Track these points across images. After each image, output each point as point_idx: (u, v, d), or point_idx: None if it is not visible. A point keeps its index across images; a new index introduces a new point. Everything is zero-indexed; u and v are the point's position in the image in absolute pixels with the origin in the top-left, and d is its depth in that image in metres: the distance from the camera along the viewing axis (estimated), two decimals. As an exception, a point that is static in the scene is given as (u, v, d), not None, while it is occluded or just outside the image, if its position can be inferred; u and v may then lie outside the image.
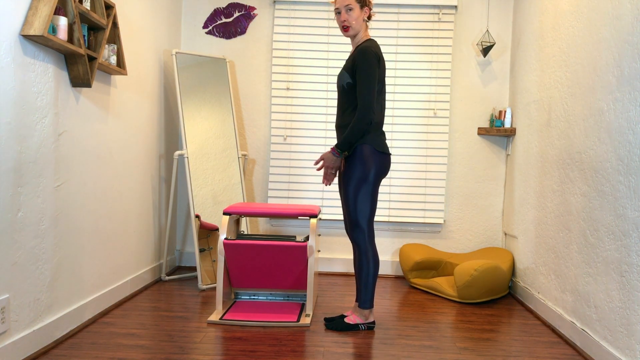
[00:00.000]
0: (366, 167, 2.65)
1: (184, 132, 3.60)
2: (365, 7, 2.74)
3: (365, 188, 2.66)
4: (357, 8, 2.72)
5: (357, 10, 2.72)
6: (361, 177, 2.66)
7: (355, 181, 2.66)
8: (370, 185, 2.67)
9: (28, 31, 2.11)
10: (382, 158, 2.69)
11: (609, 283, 2.39)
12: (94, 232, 2.79)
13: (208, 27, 4.12)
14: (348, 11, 2.71)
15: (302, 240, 2.91)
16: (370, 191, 2.68)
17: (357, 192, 2.67)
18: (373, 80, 2.62)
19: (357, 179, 2.66)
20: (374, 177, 2.67)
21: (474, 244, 4.10)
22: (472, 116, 4.06)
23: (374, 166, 2.66)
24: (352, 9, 2.71)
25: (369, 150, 2.65)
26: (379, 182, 2.72)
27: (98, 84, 2.77)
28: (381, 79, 2.72)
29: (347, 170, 2.69)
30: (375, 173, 2.67)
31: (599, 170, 2.53)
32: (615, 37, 2.43)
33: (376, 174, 2.67)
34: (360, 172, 2.65)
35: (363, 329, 2.79)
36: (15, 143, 2.11)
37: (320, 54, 4.05)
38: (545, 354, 2.53)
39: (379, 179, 2.70)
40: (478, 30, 4.04)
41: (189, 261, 4.17)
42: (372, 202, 2.70)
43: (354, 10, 2.72)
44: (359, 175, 2.66)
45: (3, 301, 2.06)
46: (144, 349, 2.39)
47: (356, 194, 2.67)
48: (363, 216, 2.69)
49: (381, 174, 2.70)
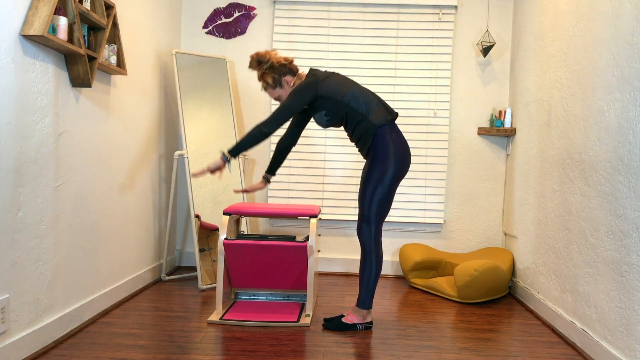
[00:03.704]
0: (387, 168, 2.64)
1: (184, 132, 3.60)
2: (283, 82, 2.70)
3: (383, 187, 2.65)
4: (273, 89, 2.72)
5: (275, 90, 2.73)
6: (381, 177, 2.65)
7: (376, 180, 2.65)
8: (387, 185, 2.66)
9: (28, 31, 2.11)
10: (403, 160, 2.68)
11: (609, 283, 2.39)
12: (94, 232, 2.79)
13: (208, 27, 4.12)
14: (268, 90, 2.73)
15: (302, 240, 2.91)
16: (386, 191, 2.67)
17: (375, 189, 2.66)
18: (290, 105, 2.60)
19: (377, 178, 2.65)
20: (394, 177, 2.66)
21: (474, 244, 4.10)
22: (472, 116, 4.06)
23: (394, 167, 2.65)
24: (269, 88, 2.73)
25: (392, 152, 2.65)
26: (398, 182, 2.70)
27: (98, 84, 2.77)
28: (337, 83, 2.68)
29: (370, 167, 2.68)
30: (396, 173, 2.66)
31: (599, 170, 2.53)
32: (615, 37, 2.43)
33: (396, 175, 2.66)
34: (381, 170, 2.64)
35: (361, 328, 2.79)
36: (15, 143, 2.11)
37: (320, 54, 4.05)
38: (545, 354, 2.54)
39: (399, 179, 2.69)
40: (478, 30, 4.04)
41: (189, 261, 4.17)
42: (388, 202, 2.70)
43: (272, 91, 2.73)
44: (379, 173, 2.65)
45: (3, 301, 2.06)
46: (144, 349, 2.39)
47: (374, 191, 2.66)
48: (374, 214, 2.68)
49: (401, 175, 2.69)
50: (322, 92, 2.65)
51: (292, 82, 2.72)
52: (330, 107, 2.68)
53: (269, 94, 2.76)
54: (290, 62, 2.73)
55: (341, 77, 2.74)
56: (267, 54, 2.70)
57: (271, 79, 2.70)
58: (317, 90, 2.64)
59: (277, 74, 2.70)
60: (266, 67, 2.69)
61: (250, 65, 2.74)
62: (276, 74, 2.70)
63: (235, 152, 2.64)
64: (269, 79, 2.70)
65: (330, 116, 2.71)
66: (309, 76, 2.69)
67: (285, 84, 2.71)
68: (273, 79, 2.69)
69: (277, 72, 2.70)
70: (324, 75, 2.69)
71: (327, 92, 2.65)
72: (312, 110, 2.75)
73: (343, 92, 2.66)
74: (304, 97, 2.62)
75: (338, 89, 2.66)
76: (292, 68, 2.73)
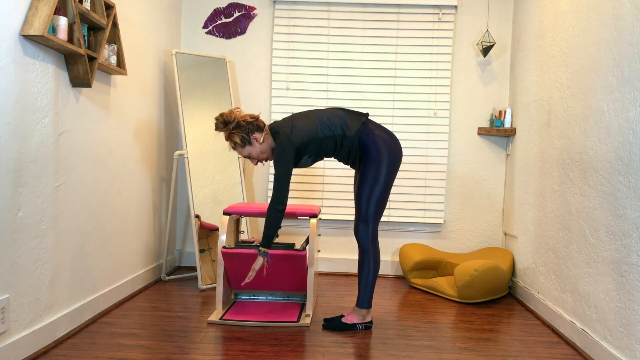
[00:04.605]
0: (380, 166, 2.66)
1: (184, 132, 3.60)
2: (252, 139, 2.64)
3: (379, 186, 2.67)
4: (242, 147, 2.65)
5: (244, 148, 2.65)
6: (376, 176, 2.66)
7: (372, 179, 2.66)
8: (383, 183, 2.67)
9: (28, 31, 2.11)
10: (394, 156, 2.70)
11: (609, 283, 2.39)
12: (94, 232, 2.79)
13: (208, 27, 4.12)
14: (238, 149, 2.66)
15: (301, 248, 2.90)
16: (383, 190, 2.68)
17: (372, 190, 2.67)
18: (284, 171, 2.56)
19: (373, 177, 2.66)
20: (388, 173, 2.67)
21: (474, 244, 4.10)
22: (472, 116, 4.06)
23: (387, 164, 2.67)
24: (238, 147, 2.65)
25: (383, 149, 2.66)
26: (394, 177, 2.72)
27: (98, 84, 2.77)
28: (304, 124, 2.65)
29: (363, 168, 2.69)
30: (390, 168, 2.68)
31: (599, 170, 2.53)
32: (615, 37, 2.43)
33: (390, 169, 2.68)
34: (375, 170, 2.66)
35: (360, 328, 2.79)
36: (15, 143, 2.11)
37: (320, 54, 4.05)
38: (545, 354, 2.53)
39: (394, 174, 2.71)
40: (478, 30, 4.04)
41: (189, 261, 4.17)
42: (385, 201, 2.72)
43: (242, 149, 2.66)
44: (374, 173, 2.66)
45: (3, 301, 2.06)
46: (144, 349, 2.39)
47: (371, 191, 2.67)
48: (372, 214, 2.69)
49: (395, 168, 2.71)
50: (298, 144, 2.61)
51: (260, 138, 2.64)
52: (311, 149, 2.66)
53: (239, 153, 2.69)
54: (256, 118, 2.66)
55: (302, 116, 2.69)
56: (231, 113, 2.64)
57: (239, 138, 2.62)
58: (295, 145, 2.60)
59: (245, 133, 2.62)
60: (232, 126, 2.62)
61: (217, 127, 2.65)
62: (244, 132, 2.62)
63: (268, 242, 2.66)
64: (237, 139, 2.62)
65: (313, 155, 2.69)
66: (278, 136, 2.61)
67: (254, 141, 2.64)
68: (241, 138, 2.62)
69: (244, 131, 2.62)
70: (289, 127, 2.63)
71: (303, 139, 2.62)
72: (296, 163, 2.72)
73: (313, 129, 2.64)
74: (289, 158, 2.58)
75: (308, 129, 2.63)
76: (259, 124, 2.66)
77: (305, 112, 2.74)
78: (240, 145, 2.65)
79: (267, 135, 2.68)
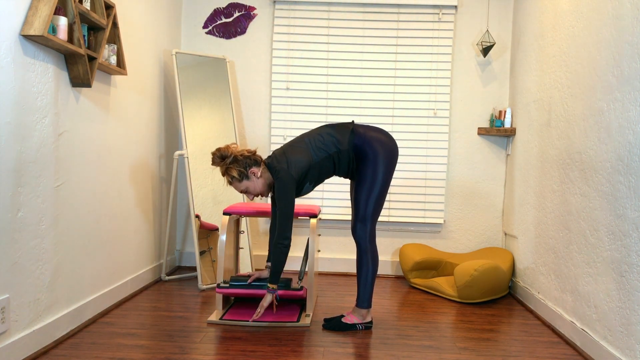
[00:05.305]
0: (378, 167, 2.67)
1: (184, 132, 3.60)
2: (249, 174, 2.62)
3: (377, 186, 2.68)
4: (240, 182, 2.63)
5: (241, 182, 2.63)
6: (374, 176, 2.67)
7: (370, 179, 2.67)
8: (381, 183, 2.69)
9: (28, 31, 2.11)
10: (390, 154, 2.70)
11: (609, 283, 2.39)
12: (94, 232, 2.79)
13: (208, 27, 4.12)
14: (235, 184, 2.64)
15: (298, 288, 2.86)
16: (381, 190, 2.70)
17: (370, 191, 2.68)
18: (288, 205, 2.56)
19: (371, 177, 2.67)
20: (385, 172, 2.68)
21: (474, 244, 4.10)
22: (472, 116, 4.06)
23: (385, 164, 2.67)
24: (235, 182, 2.63)
25: (379, 150, 2.66)
26: (391, 175, 2.73)
27: (98, 84, 2.77)
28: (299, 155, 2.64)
29: (360, 170, 2.70)
30: (387, 167, 2.68)
31: (599, 170, 2.53)
32: (615, 37, 2.43)
33: (388, 169, 2.69)
34: (373, 170, 2.67)
35: (361, 328, 2.79)
36: (15, 143, 2.11)
37: (320, 54, 4.05)
38: (545, 354, 2.54)
39: (391, 172, 2.71)
40: (478, 31, 4.04)
41: (189, 261, 4.17)
42: (383, 200, 2.73)
43: (239, 184, 2.63)
44: (371, 174, 2.67)
45: (3, 301, 2.06)
46: (144, 349, 2.39)
47: (370, 191, 2.68)
48: (370, 214, 2.71)
49: (392, 166, 2.71)
50: (298, 176, 2.61)
51: (258, 172, 2.62)
52: (310, 176, 2.66)
53: (235, 188, 2.66)
54: (253, 153, 2.65)
55: (293, 147, 2.67)
56: (227, 148, 2.62)
57: (237, 173, 2.60)
58: (295, 178, 2.60)
59: (243, 167, 2.60)
60: (230, 161, 2.60)
61: (214, 162, 2.63)
62: (241, 167, 2.60)
63: (275, 279, 2.66)
64: (235, 173, 2.60)
65: (314, 181, 2.69)
66: (276, 172, 2.60)
67: (252, 175, 2.62)
68: (239, 172, 2.60)
69: (242, 165, 2.60)
70: (284, 160, 2.61)
71: (302, 170, 2.61)
72: (298, 192, 2.72)
73: (309, 157, 2.64)
74: (291, 192, 2.58)
75: (305, 159, 2.62)
76: (256, 159, 2.65)
77: (294, 141, 2.71)
78: (237, 180, 2.62)
79: (265, 170, 2.66)
